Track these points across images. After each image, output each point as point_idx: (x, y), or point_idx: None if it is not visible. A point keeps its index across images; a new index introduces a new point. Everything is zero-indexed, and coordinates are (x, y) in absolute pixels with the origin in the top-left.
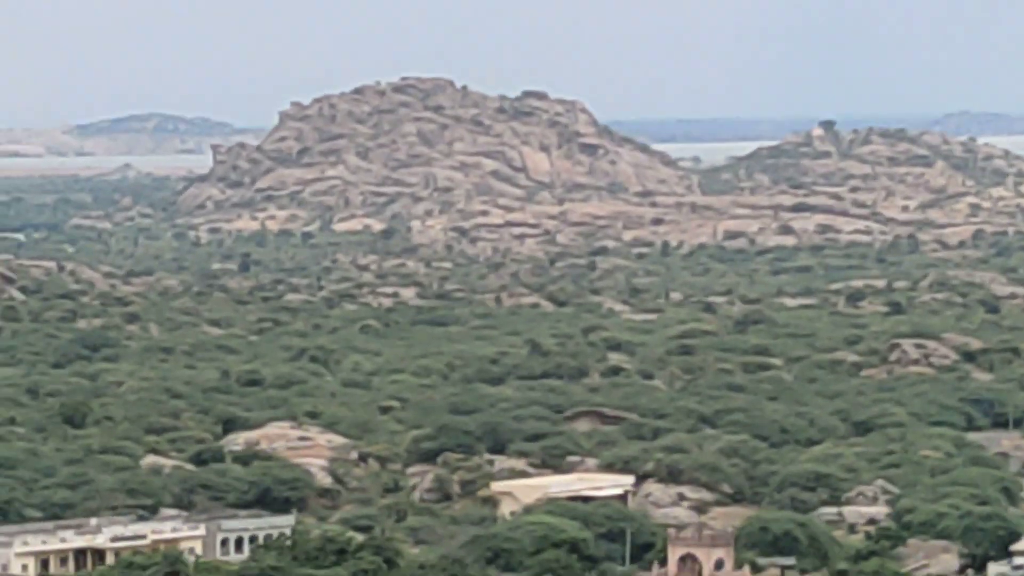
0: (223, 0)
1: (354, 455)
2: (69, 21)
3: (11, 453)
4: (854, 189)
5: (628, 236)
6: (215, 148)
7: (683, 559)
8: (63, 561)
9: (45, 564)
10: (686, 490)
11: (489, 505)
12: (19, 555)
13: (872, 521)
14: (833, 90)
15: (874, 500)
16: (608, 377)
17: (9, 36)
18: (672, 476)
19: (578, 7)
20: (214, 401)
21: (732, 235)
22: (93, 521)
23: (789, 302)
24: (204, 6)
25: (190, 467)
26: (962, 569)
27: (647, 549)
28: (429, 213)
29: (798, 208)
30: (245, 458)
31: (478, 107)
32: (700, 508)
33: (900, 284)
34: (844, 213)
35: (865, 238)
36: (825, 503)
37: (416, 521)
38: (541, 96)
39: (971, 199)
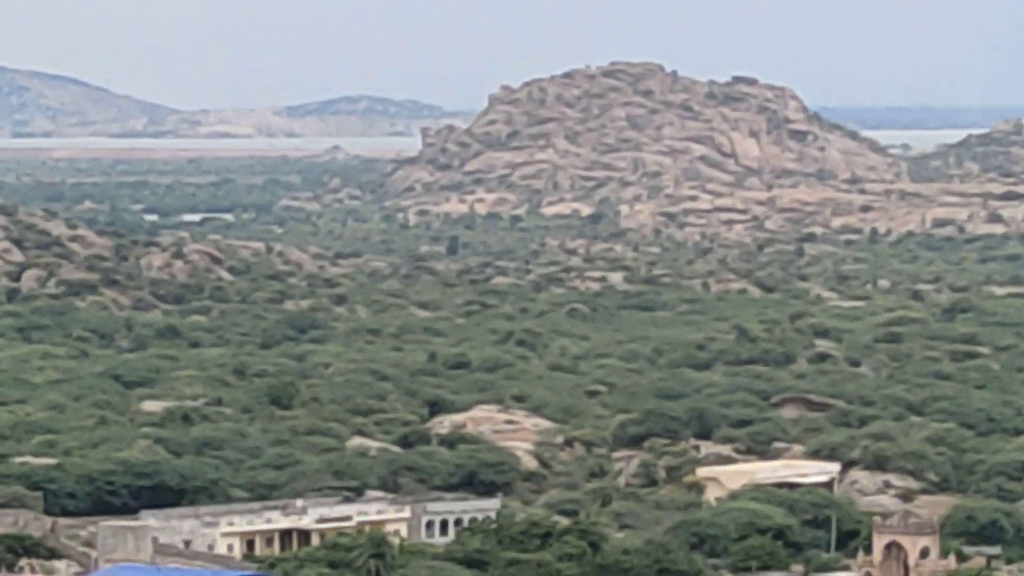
0: None
1: (560, 439)
2: (279, 4)
3: (218, 433)
4: None
5: (836, 223)
6: (424, 131)
7: (888, 547)
8: (268, 541)
9: (251, 544)
10: (892, 478)
11: (694, 491)
12: (225, 535)
13: None
14: None
15: None
16: (815, 364)
17: (229, 22)
18: (878, 464)
19: None
20: (421, 383)
21: (941, 223)
22: (299, 502)
23: (997, 291)
24: None
25: (396, 449)
26: None
27: (853, 536)
28: (637, 198)
29: (1007, 196)
30: (451, 441)
31: (687, 92)
32: (906, 496)
33: None
34: None
35: None
36: None
37: (621, 506)
38: (751, 82)
39: None
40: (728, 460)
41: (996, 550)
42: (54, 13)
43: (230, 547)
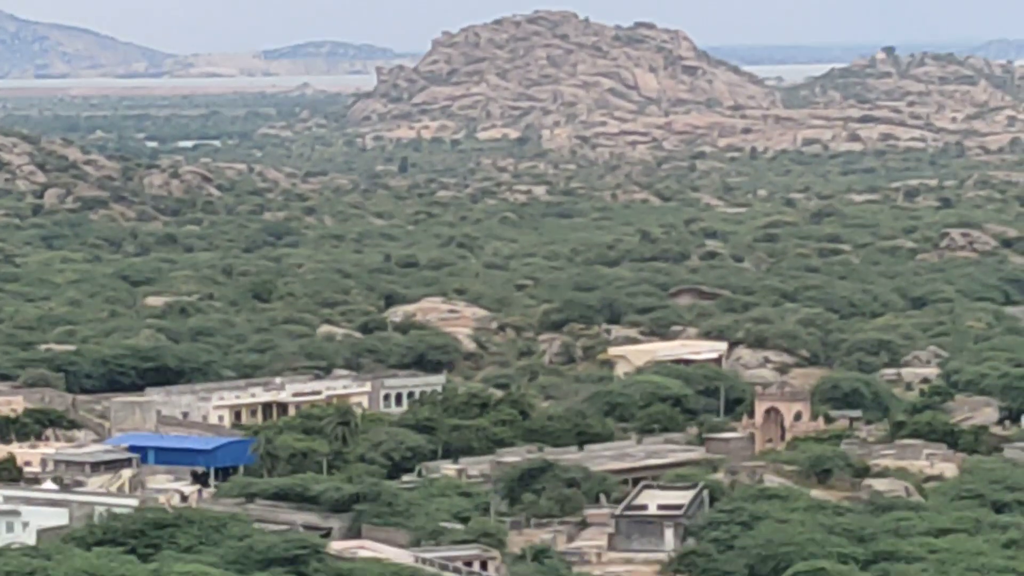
0: None
1: (494, 325)
2: None
3: (210, 323)
4: (911, 104)
5: (722, 143)
6: (379, 70)
7: (768, 412)
8: (253, 413)
9: (238, 415)
10: (770, 354)
11: (606, 367)
12: (216, 408)
13: (925, 380)
14: (894, 19)
15: (927, 363)
16: (706, 260)
17: None
18: (759, 342)
19: None
20: (378, 280)
21: (809, 142)
22: (278, 380)
23: (856, 198)
24: None
25: (358, 335)
26: (1000, 420)
27: (738, 403)
28: (556, 124)
29: (864, 120)
30: (403, 328)
31: (597, 35)
32: (782, 369)
33: (949, 183)
34: (902, 124)
35: (920, 144)
36: (886, 365)
37: (546, 380)
38: (650, 26)
39: (1009, 112)
40: (634, 341)
41: (857, 413)
42: None
43: (221, 418)
